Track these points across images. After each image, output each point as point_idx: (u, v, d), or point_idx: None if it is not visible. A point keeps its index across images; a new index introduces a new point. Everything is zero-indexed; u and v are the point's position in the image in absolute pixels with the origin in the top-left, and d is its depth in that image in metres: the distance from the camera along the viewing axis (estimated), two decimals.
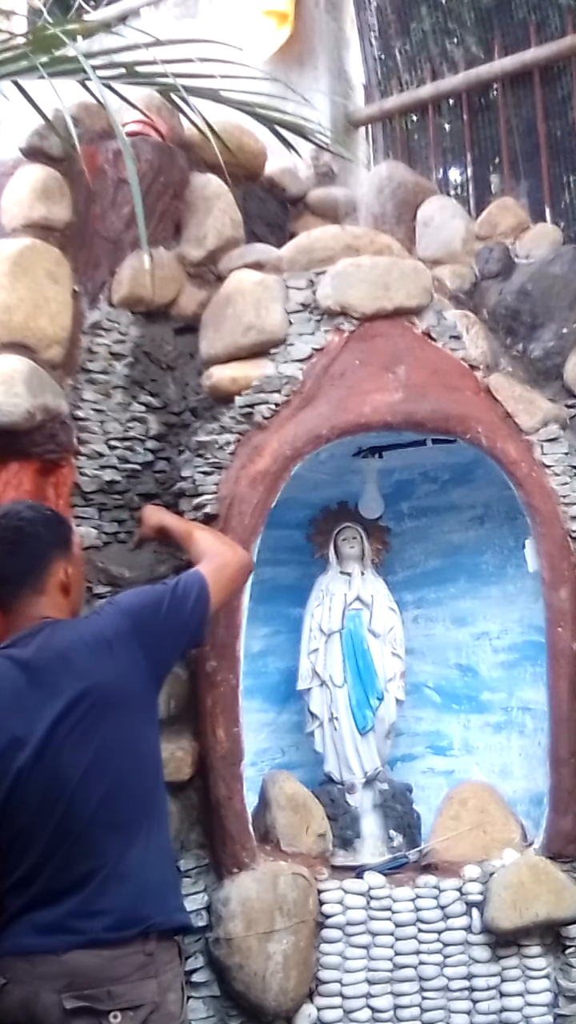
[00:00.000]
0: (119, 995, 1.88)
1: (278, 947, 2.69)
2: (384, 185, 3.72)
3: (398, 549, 3.34)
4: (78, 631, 2.08)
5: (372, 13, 4.57)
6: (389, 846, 3.05)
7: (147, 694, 2.11)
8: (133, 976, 1.90)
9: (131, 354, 3.00)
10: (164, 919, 1.98)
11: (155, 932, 1.95)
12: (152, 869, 1.99)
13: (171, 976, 1.98)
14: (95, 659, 2.02)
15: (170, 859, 2.15)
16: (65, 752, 1.94)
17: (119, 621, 2.10)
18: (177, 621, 2.18)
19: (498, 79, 4.25)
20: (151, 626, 2.12)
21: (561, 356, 3.12)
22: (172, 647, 2.20)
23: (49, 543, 2.15)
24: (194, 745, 2.77)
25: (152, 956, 1.93)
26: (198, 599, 2.22)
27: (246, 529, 2.78)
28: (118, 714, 2.01)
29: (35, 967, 1.87)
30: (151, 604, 2.17)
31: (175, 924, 2.02)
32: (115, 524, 2.93)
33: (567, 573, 2.87)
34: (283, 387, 2.91)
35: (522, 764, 3.14)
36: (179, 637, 2.20)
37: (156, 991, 1.92)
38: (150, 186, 3.00)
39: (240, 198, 3.33)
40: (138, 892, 1.95)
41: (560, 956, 2.87)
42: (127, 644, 2.06)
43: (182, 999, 2.01)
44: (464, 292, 3.28)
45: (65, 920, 1.89)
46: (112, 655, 2.03)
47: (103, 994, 1.87)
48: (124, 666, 2.04)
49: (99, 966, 1.88)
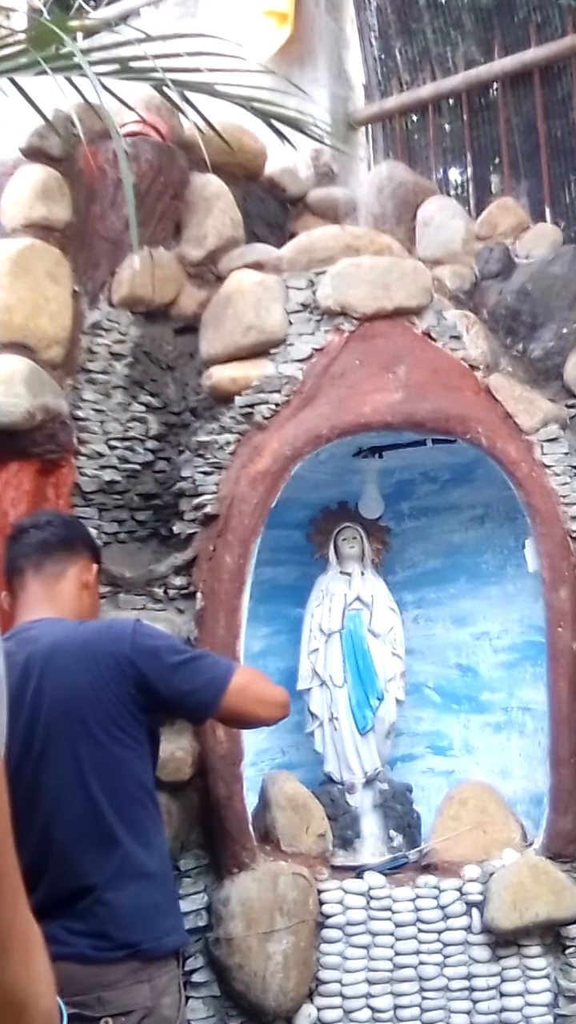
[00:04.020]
0: (109, 1001, 1.87)
1: (278, 947, 2.69)
2: (384, 185, 3.72)
3: (398, 549, 3.34)
4: (69, 635, 2.04)
5: (372, 13, 4.57)
6: (389, 846, 3.05)
7: (126, 717, 1.99)
8: (124, 981, 1.90)
9: (131, 354, 3.00)
10: (153, 945, 1.95)
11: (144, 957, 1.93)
12: (142, 895, 1.96)
13: (166, 980, 1.96)
14: (76, 667, 1.97)
15: (164, 881, 2.08)
16: (43, 763, 1.92)
17: (123, 642, 2.00)
18: (179, 684, 2.01)
19: (498, 79, 4.25)
20: (148, 667, 1.99)
21: (561, 356, 3.12)
22: (160, 702, 2.03)
23: (82, 539, 2.29)
24: (194, 745, 2.77)
25: (144, 962, 1.93)
26: (215, 681, 2.02)
27: (246, 529, 2.78)
28: (88, 721, 1.95)
29: None
30: (164, 649, 2.03)
31: (165, 949, 1.98)
32: (115, 524, 2.93)
33: (567, 573, 2.87)
34: (283, 387, 2.91)
35: (522, 764, 3.14)
36: (174, 700, 2.03)
37: (149, 995, 1.91)
38: (150, 186, 3.00)
39: (240, 198, 3.33)
40: (125, 919, 1.92)
41: (560, 956, 2.87)
42: (117, 663, 1.98)
43: (179, 1002, 2.00)
44: (464, 292, 3.28)
45: (56, 933, 1.87)
46: (97, 664, 1.97)
47: (93, 1000, 1.86)
48: (105, 681, 1.96)
49: (89, 973, 1.87)
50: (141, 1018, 1.88)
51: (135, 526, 2.99)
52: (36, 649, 2.00)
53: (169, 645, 2.07)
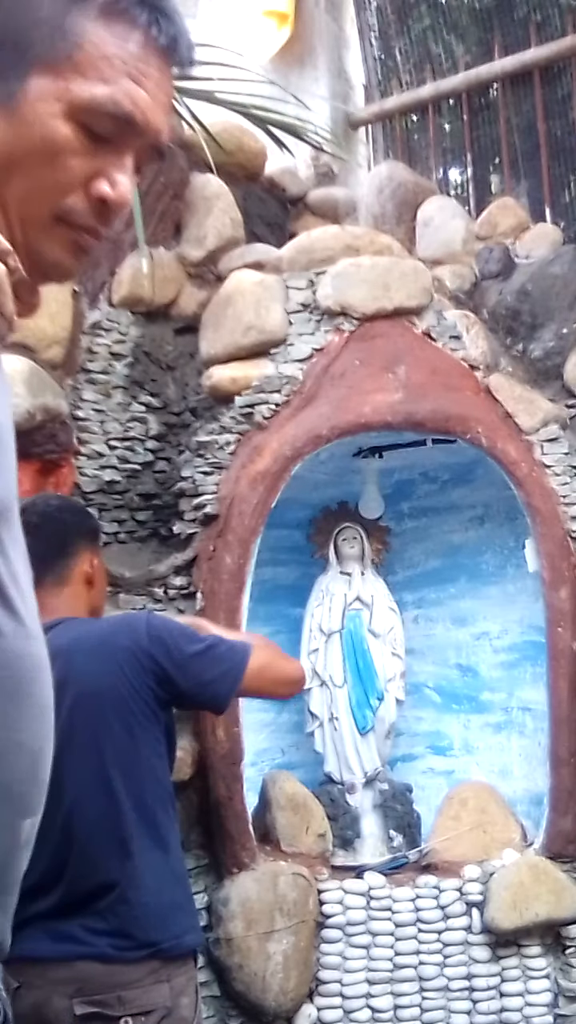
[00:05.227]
0: (130, 1000, 1.86)
1: (278, 947, 2.69)
2: (384, 185, 3.72)
3: (398, 549, 3.34)
4: (87, 630, 2.04)
5: (372, 13, 4.58)
6: (389, 846, 3.05)
7: (145, 712, 1.99)
8: (144, 981, 1.89)
9: (131, 354, 3.00)
10: (172, 943, 1.95)
11: (164, 956, 1.93)
12: (163, 893, 1.96)
13: (184, 980, 1.96)
14: (96, 662, 1.97)
15: (183, 880, 2.10)
16: (65, 760, 1.92)
17: (139, 635, 2.00)
18: (198, 674, 2.03)
19: (498, 79, 4.25)
20: (166, 659, 1.99)
21: (561, 356, 3.12)
22: (179, 695, 2.04)
23: (76, 532, 2.15)
24: (194, 745, 2.77)
25: (164, 962, 1.93)
26: (233, 668, 2.06)
27: (246, 529, 2.78)
28: (109, 719, 1.95)
29: (47, 972, 1.86)
30: (180, 640, 2.03)
31: (184, 948, 1.99)
32: (115, 524, 2.93)
33: (567, 573, 2.87)
34: (283, 387, 2.91)
35: (522, 764, 3.14)
36: (193, 691, 2.05)
37: (168, 995, 1.90)
38: (150, 186, 3.00)
39: (240, 198, 3.33)
40: (146, 918, 1.92)
41: (560, 956, 2.87)
42: (135, 657, 1.98)
43: (196, 1003, 1.99)
44: (464, 292, 3.28)
45: (75, 932, 1.88)
46: (114, 660, 1.98)
47: (113, 999, 1.86)
48: (124, 675, 1.97)
49: (109, 972, 1.87)
50: (160, 1018, 1.88)
51: (135, 526, 3.00)
52: (53, 648, 1.98)
53: (185, 634, 2.06)
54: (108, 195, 0.94)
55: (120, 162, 0.95)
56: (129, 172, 0.96)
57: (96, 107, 0.91)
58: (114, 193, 0.94)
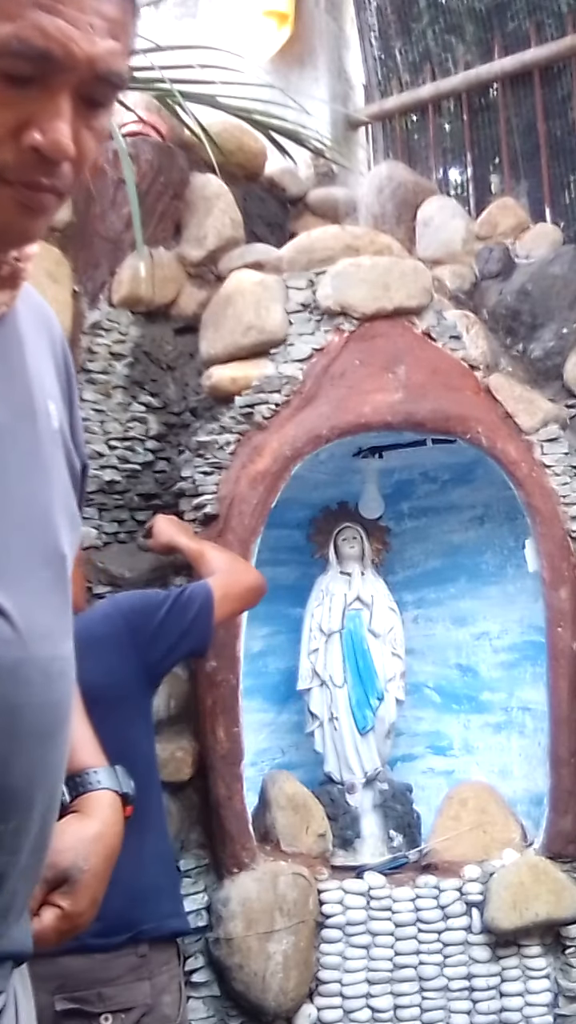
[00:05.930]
0: (110, 997, 1.87)
1: (278, 947, 2.69)
2: (384, 185, 3.72)
3: (398, 549, 3.34)
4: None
5: (372, 13, 4.57)
6: (389, 846, 3.05)
7: (136, 695, 2.09)
8: (125, 978, 1.89)
9: (131, 354, 3.00)
10: (155, 925, 1.96)
11: (146, 938, 1.94)
12: (145, 874, 1.96)
13: (167, 978, 1.96)
14: (79, 657, 2.00)
15: (167, 863, 2.12)
16: None
17: (114, 620, 2.10)
18: (175, 627, 2.16)
19: (498, 79, 4.24)
20: (146, 628, 2.11)
21: (561, 356, 3.12)
22: (167, 652, 2.17)
23: None
24: (194, 745, 2.77)
25: (145, 958, 1.92)
26: (201, 609, 2.21)
27: (246, 529, 2.78)
28: (102, 714, 1.98)
29: (31, 967, 1.87)
30: (149, 606, 2.17)
31: (167, 931, 2.00)
32: (115, 524, 2.93)
33: (567, 573, 2.87)
34: (283, 387, 2.91)
35: (522, 764, 3.14)
36: (176, 643, 2.18)
37: (149, 993, 1.91)
38: (150, 186, 3.00)
39: (240, 198, 3.33)
40: (128, 898, 1.89)
41: (560, 956, 2.87)
42: (118, 643, 2.06)
43: (180, 1001, 2.00)
44: (464, 292, 3.28)
45: None
46: (98, 653, 1.99)
47: (93, 996, 1.86)
48: (111, 665, 2.02)
49: (90, 968, 1.87)
50: (141, 1016, 1.88)
51: (135, 526, 2.99)
52: None
53: (150, 602, 2.18)
54: (39, 143, 0.84)
55: (53, 106, 0.84)
56: (65, 115, 0.85)
57: (2, 49, 0.80)
58: (45, 140, 0.84)
